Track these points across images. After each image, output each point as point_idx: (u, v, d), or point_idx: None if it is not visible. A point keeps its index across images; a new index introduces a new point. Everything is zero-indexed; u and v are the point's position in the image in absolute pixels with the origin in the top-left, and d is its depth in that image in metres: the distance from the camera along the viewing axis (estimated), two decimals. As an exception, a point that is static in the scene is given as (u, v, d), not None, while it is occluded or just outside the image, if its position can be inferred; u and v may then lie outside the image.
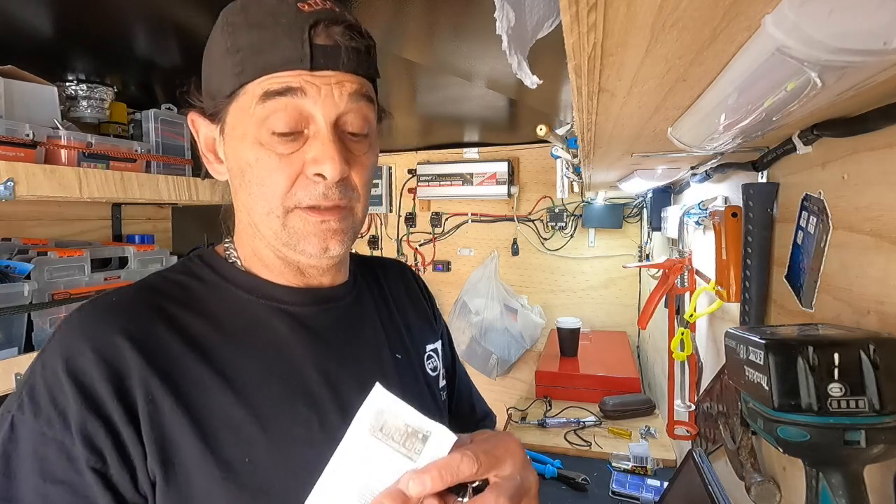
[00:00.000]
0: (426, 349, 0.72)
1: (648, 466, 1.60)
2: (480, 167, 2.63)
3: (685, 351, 1.29)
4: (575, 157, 1.25)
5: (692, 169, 1.21)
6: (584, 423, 1.93)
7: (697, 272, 1.32)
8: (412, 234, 2.95)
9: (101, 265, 1.24)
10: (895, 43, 0.29)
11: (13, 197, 0.89)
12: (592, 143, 0.83)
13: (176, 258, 1.38)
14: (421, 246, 2.94)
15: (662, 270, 1.37)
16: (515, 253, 2.78)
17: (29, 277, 1.01)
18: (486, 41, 0.98)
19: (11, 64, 1.03)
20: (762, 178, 0.87)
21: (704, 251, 1.26)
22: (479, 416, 0.88)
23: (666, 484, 1.38)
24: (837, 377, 0.43)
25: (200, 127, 0.56)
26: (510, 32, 0.41)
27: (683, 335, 1.29)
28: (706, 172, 1.13)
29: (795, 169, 0.75)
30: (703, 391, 1.25)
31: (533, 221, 2.75)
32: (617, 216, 2.56)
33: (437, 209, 2.89)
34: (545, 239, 2.75)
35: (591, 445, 1.79)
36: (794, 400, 0.44)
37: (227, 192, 0.60)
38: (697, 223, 1.30)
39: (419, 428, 0.41)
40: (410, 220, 2.94)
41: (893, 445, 0.43)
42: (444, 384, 0.74)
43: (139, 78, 1.26)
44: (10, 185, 0.89)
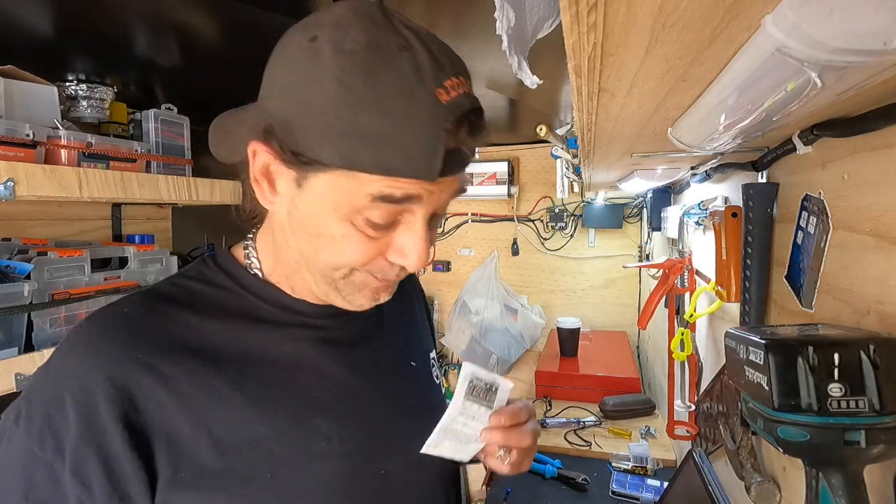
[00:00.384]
0: (430, 357, 0.71)
1: (648, 466, 1.60)
2: (480, 167, 2.63)
3: (685, 351, 1.29)
4: (575, 157, 1.25)
5: (692, 169, 1.21)
6: (584, 423, 1.93)
7: (697, 272, 1.32)
8: (412, 234, 2.95)
9: (101, 265, 1.24)
10: (895, 43, 0.29)
11: (13, 197, 0.89)
12: (592, 143, 0.83)
13: (176, 258, 1.38)
14: (421, 246, 2.94)
15: (662, 270, 1.37)
16: (515, 253, 2.79)
17: (29, 277, 1.01)
18: (486, 41, 0.98)
19: (11, 64, 1.03)
20: (762, 178, 0.87)
21: (704, 251, 1.26)
22: None
23: (666, 484, 1.38)
24: (837, 377, 0.43)
25: (261, 155, 0.47)
26: (510, 32, 0.41)
27: (683, 335, 1.29)
28: (706, 172, 1.13)
29: (795, 169, 0.75)
30: (703, 391, 1.25)
31: (533, 221, 2.75)
32: (617, 216, 2.57)
33: (437, 209, 2.89)
34: (545, 239, 2.75)
35: (591, 445, 1.79)
36: (794, 400, 0.44)
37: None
38: (697, 223, 1.30)
39: (492, 383, 0.57)
40: (410, 220, 2.94)
41: (893, 445, 0.43)
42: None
43: (139, 78, 1.26)
44: (10, 185, 0.89)
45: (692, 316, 1.23)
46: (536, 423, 0.61)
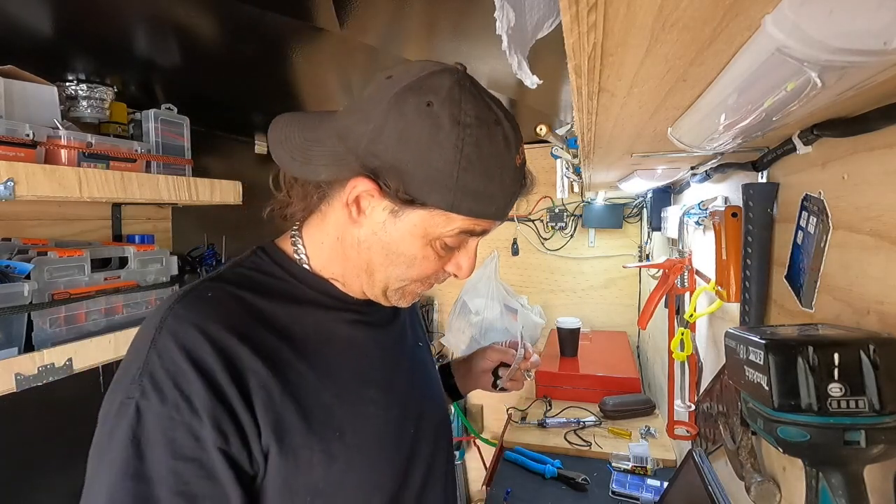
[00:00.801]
0: (426, 342, 0.85)
1: (648, 466, 1.60)
2: (480, 167, 2.62)
3: (685, 351, 1.29)
4: (575, 157, 1.25)
5: (692, 169, 1.21)
6: (584, 423, 1.93)
7: (697, 272, 1.32)
8: (412, 234, 2.95)
9: (101, 265, 1.24)
10: (895, 43, 0.29)
11: (13, 197, 0.89)
12: (592, 143, 0.83)
13: (176, 258, 1.38)
14: (421, 246, 2.94)
15: (662, 270, 1.37)
16: (515, 253, 2.78)
17: (29, 277, 1.01)
18: (486, 41, 0.98)
19: (11, 64, 1.03)
20: (762, 178, 0.87)
21: (704, 251, 1.26)
22: None
23: (666, 484, 1.38)
24: (837, 377, 0.43)
25: (361, 185, 0.55)
26: (510, 32, 0.41)
27: (683, 335, 1.29)
28: (706, 172, 1.13)
29: (795, 169, 0.75)
30: (703, 391, 1.25)
31: (533, 221, 2.75)
32: (617, 216, 2.56)
33: (437, 209, 2.89)
34: (545, 239, 2.75)
35: (591, 445, 1.79)
36: (793, 400, 0.44)
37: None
38: (697, 223, 1.30)
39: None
40: (410, 220, 2.94)
41: (893, 445, 0.43)
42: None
43: (139, 78, 1.26)
44: (10, 185, 0.89)
45: (692, 316, 1.23)
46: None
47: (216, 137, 1.92)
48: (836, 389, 0.43)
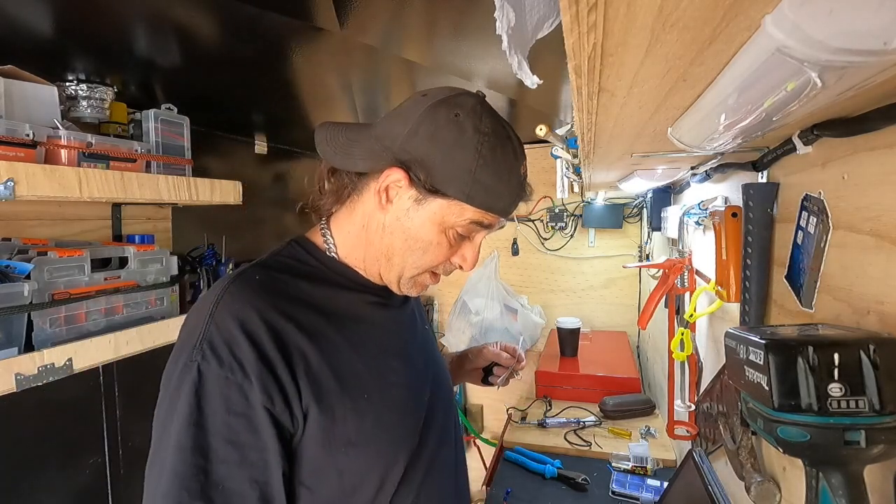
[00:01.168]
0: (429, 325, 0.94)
1: (648, 466, 1.60)
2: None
3: (685, 351, 1.29)
4: (575, 157, 1.25)
5: (692, 169, 1.21)
6: (584, 423, 1.94)
7: (697, 272, 1.32)
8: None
9: (101, 265, 1.24)
10: (895, 43, 0.29)
11: (13, 197, 0.89)
12: (592, 143, 0.83)
13: (176, 258, 1.38)
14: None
15: (662, 270, 1.37)
16: (515, 253, 2.79)
17: (29, 277, 1.00)
18: (486, 41, 0.98)
19: (11, 64, 1.02)
20: (762, 178, 0.87)
21: (704, 251, 1.26)
22: None
23: (666, 484, 1.38)
24: (837, 377, 0.43)
25: (394, 175, 0.66)
26: (510, 32, 0.41)
27: (683, 335, 1.29)
28: (706, 172, 1.13)
29: (795, 169, 0.75)
30: (703, 391, 1.25)
31: (533, 221, 2.75)
32: (617, 216, 2.56)
33: (437, 209, 2.89)
34: (545, 239, 2.75)
35: (591, 445, 1.79)
36: (794, 400, 0.44)
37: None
38: (697, 223, 1.30)
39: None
40: (410, 220, 2.94)
41: (893, 445, 0.43)
42: None
43: (139, 78, 1.26)
44: (10, 185, 0.89)
45: (692, 316, 1.23)
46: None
47: (216, 137, 1.91)
48: (836, 389, 0.43)
